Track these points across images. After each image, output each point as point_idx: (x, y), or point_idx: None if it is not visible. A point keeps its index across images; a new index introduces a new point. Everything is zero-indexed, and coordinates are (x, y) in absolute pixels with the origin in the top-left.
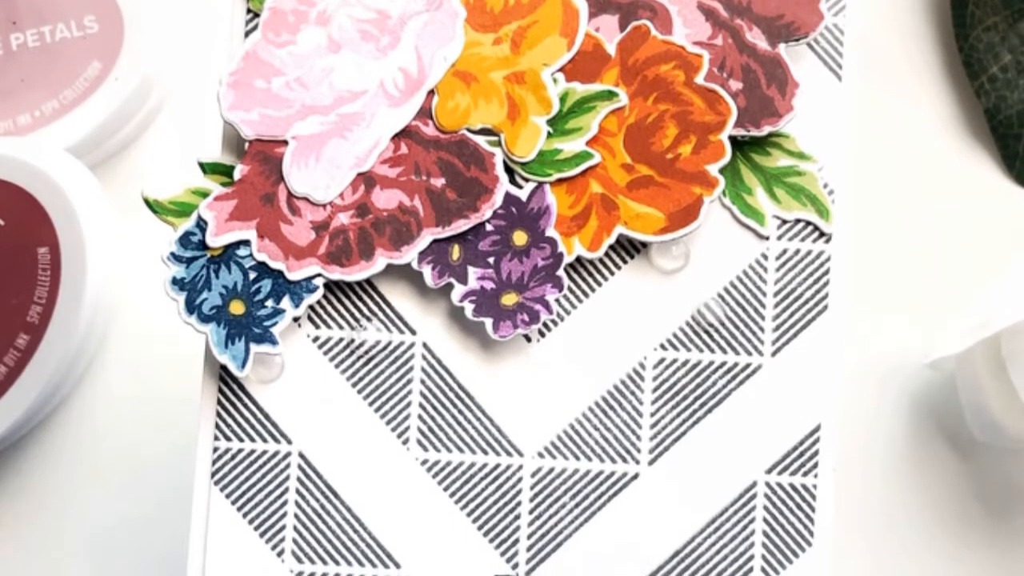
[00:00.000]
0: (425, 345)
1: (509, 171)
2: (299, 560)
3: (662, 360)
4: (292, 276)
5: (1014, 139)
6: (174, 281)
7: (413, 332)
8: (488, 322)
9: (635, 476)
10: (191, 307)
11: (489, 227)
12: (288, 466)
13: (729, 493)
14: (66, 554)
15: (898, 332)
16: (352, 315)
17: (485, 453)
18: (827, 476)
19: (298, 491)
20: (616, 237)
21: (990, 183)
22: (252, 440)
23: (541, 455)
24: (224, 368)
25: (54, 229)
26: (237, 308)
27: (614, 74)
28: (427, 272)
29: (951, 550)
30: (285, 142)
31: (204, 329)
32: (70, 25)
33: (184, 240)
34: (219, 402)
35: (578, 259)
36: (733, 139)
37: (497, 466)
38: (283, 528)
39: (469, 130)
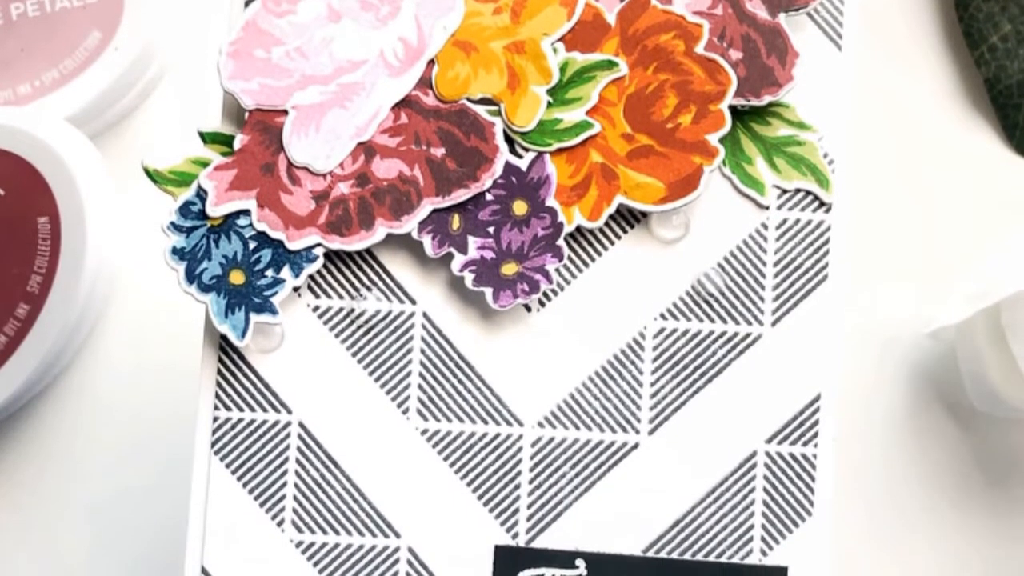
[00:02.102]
0: (425, 315)
1: (509, 141)
2: (299, 530)
3: (662, 330)
4: (292, 246)
5: (1014, 109)
6: (174, 251)
7: (413, 302)
8: (488, 292)
9: (635, 446)
10: (191, 277)
11: (489, 197)
12: (288, 436)
13: (729, 463)
14: (66, 523)
15: (898, 302)
16: (352, 285)
17: (485, 423)
18: (827, 446)
19: (298, 461)
20: (616, 207)
21: (990, 153)
22: (252, 410)
23: (541, 425)
24: (224, 338)
25: (54, 199)
26: (237, 278)
27: (614, 44)
28: (427, 242)
29: (951, 519)
30: (285, 112)
31: (204, 299)
32: None
33: (184, 210)
34: (219, 372)
35: (578, 229)
36: (733, 109)
37: (497, 436)
38: (283, 498)
39: (469, 100)
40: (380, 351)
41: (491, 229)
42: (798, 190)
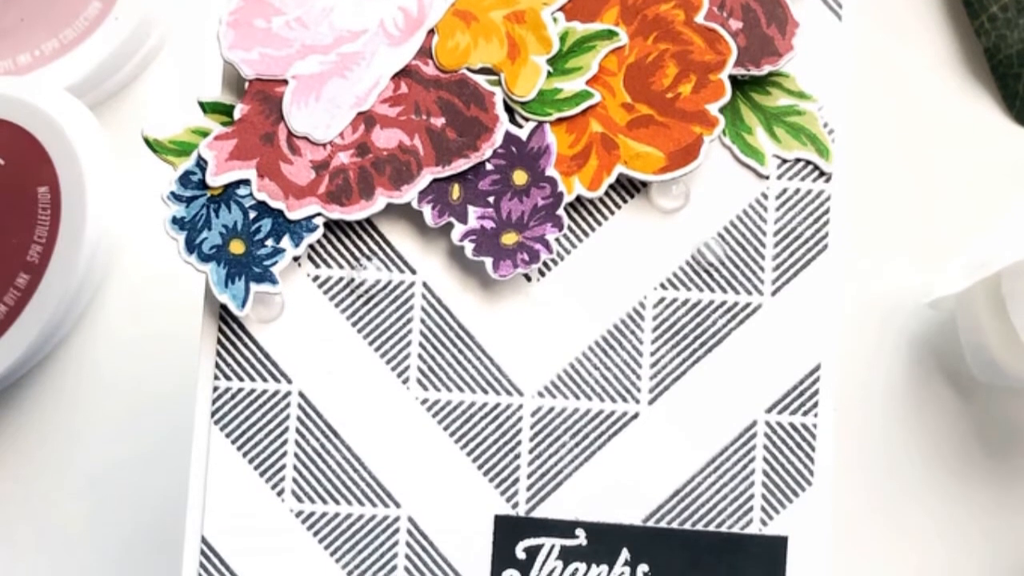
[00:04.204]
0: (425, 284)
1: (509, 110)
2: (299, 499)
3: (662, 299)
4: (292, 215)
5: (1014, 79)
6: (174, 220)
7: (413, 271)
8: (488, 261)
9: (635, 415)
10: (191, 246)
11: (489, 166)
12: (288, 405)
13: (729, 432)
14: (66, 493)
15: (898, 271)
16: (352, 254)
17: (485, 392)
18: (827, 416)
19: (298, 430)
20: (616, 176)
21: (990, 123)
22: (252, 379)
23: (541, 394)
24: (224, 308)
25: (54, 168)
26: (237, 247)
27: (614, 13)
28: (427, 211)
29: (950, 489)
30: (285, 81)
31: (204, 268)
32: None
33: (184, 179)
34: (219, 341)
35: (578, 198)
36: (733, 79)
37: (497, 405)
38: (283, 467)
39: (469, 69)
40: (380, 321)
41: (491, 199)
42: (798, 160)
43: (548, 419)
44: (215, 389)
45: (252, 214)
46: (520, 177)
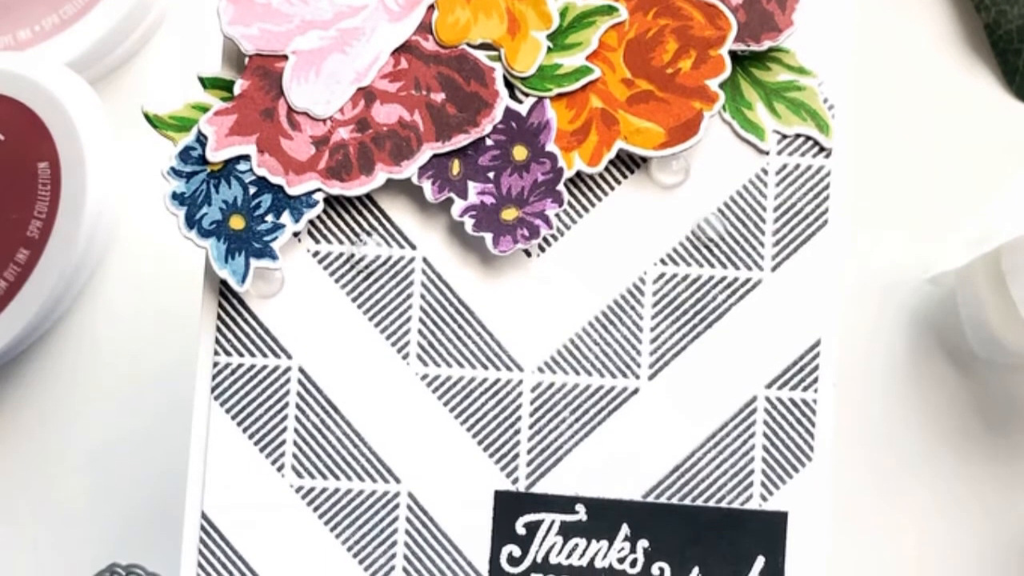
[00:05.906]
0: (425, 260)
1: (509, 86)
2: (299, 475)
3: (662, 275)
4: (292, 191)
5: (1014, 54)
6: (174, 196)
7: (413, 247)
8: (488, 237)
9: (635, 391)
10: (191, 222)
11: (489, 142)
12: (288, 381)
13: (729, 408)
14: (66, 468)
15: (898, 247)
16: (352, 230)
17: (485, 368)
18: (827, 391)
19: (298, 406)
20: (616, 152)
21: (990, 98)
22: (252, 355)
23: (541, 370)
24: (224, 283)
25: (54, 144)
26: (237, 223)
27: None
28: (427, 187)
29: (950, 465)
30: (285, 57)
31: (204, 244)
32: None
33: (184, 155)
34: (219, 317)
35: (578, 174)
36: (733, 54)
37: (497, 381)
38: (283, 443)
39: (469, 45)
40: (380, 296)
41: (491, 174)
42: (798, 135)
43: (548, 394)
44: (215, 365)
45: (252, 189)
46: (520, 152)
